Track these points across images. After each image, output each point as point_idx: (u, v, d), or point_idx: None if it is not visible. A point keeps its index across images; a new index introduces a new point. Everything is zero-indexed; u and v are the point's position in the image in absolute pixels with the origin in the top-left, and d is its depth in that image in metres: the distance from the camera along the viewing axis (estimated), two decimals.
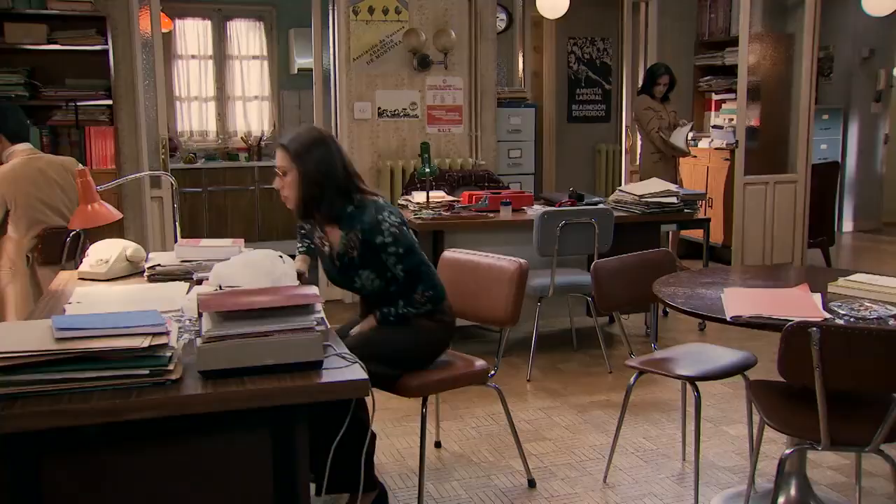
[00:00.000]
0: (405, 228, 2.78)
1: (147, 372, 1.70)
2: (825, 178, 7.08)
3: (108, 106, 5.41)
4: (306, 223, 2.97)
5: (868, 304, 2.63)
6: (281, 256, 2.48)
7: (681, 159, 6.58)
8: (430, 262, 2.87)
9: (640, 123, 6.46)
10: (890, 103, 9.20)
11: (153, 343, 1.70)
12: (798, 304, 2.64)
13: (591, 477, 3.27)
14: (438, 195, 4.97)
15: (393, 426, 3.76)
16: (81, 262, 3.04)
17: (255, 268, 2.36)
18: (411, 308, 2.80)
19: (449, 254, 3.29)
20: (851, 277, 2.91)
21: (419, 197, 4.88)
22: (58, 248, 3.99)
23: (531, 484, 3.19)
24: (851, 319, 2.51)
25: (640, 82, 6.86)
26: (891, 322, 2.50)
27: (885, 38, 8.83)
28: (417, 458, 3.01)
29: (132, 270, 2.97)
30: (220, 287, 2.28)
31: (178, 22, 8.03)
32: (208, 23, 8.22)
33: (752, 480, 2.94)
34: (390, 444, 3.57)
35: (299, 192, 2.68)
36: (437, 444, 3.57)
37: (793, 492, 2.87)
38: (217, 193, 7.72)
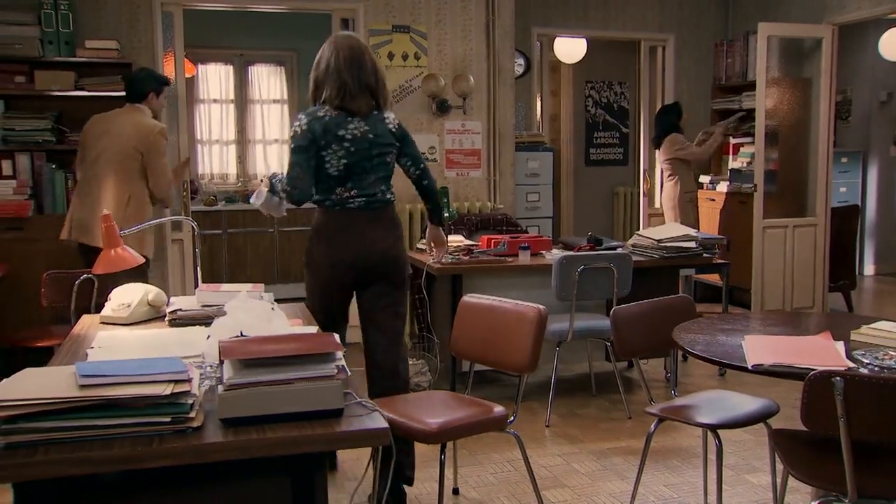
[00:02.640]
0: (297, 130, 3.35)
1: (169, 420, 1.70)
2: (845, 221, 7.05)
3: None
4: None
5: (892, 353, 2.60)
6: (273, 308, 2.53)
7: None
8: (303, 163, 3.31)
9: (685, 155, 6.71)
10: None
11: (175, 390, 1.71)
12: (821, 352, 2.62)
13: None
14: (457, 239, 4.99)
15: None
16: (102, 305, 3.07)
17: (256, 318, 2.38)
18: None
19: (468, 299, 3.30)
20: (875, 325, 2.87)
21: None
22: (64, 291, 4.06)
23: None
24: (876, 369, 2.48)
25: (655, 126, 6.90)
26: None
27: None
28: None
29: (153, 315, 2.99)
30: (241, 334, 2.29)
31: (200, 67, 8.18)
32: (230, 67, 8.37)
33: None
34: (409, 491, 3.53)
35: None
36: (455, 491, 3.54)
37: None
38: (236, 235, 7.79)
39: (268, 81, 8.49)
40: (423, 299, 4.97)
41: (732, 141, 7.42)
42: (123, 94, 4.87)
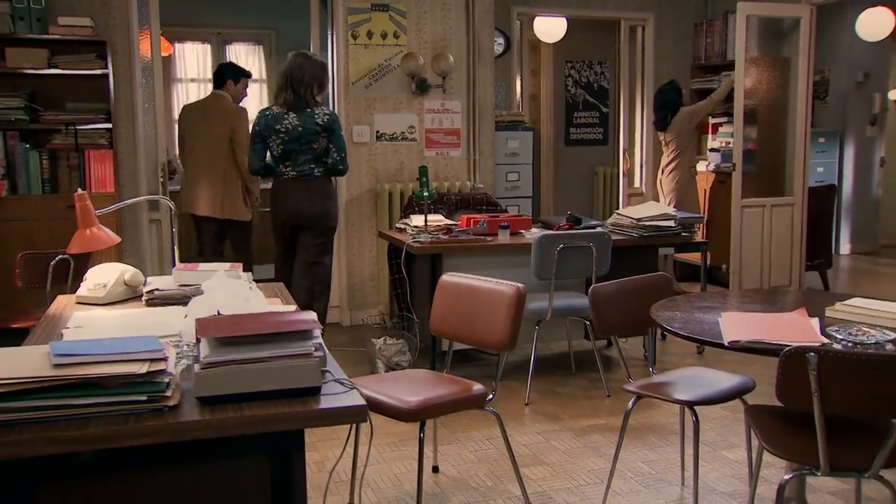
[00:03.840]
0: (253, 124, 4.77)
1: (145, 398, 1.69)
2: (822, 200, 7.11)
3: (107, 129, 5.43)
4: None
5: (865, 329, 2.64)
6: (251, 287, 2.52)
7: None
8: (254, 147, 4.71)
9: (702, 114, 6.87)
10: (885, 127, 9.26)
11: (151, 369, 1.70)
12: (796, 328, 2.64)
13: (590, 502, 3.25)
14: (436, 218, 4.98)
15: (391, 451, 3.75)
16: (77, 286, 3.04)
17: (234, 296, 2.37)
18: None
19: (447, 278, 3.30)
20: (849, 302, 2.91)
21: (417, 220, 4.90)
22: (39, 272, 4.04)
23: None
24: (849, 344, 2.51)
25: (656, 108, 6.88)
26: (888, 347, 2.50)
27: (879, 63, 8.90)
28: (415, 482, 2.99)
29: (130, 295, 2.96)
30: (218, 312, 2.28)
31: (177, 46, 8.09)
32: (208, 46, 8.28)
33: None
34: (388, 469, 3.56)
35: None
36: (435, 469, 3.55)
37: None
38: None
39: (246, 60, 8.40)
40: (402, 279, 4.97)
41: (712, 121, 7.45)
42: (99, 72, 5.18)
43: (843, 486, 3.35)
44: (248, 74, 5.86)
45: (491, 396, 3.06)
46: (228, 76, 5.74)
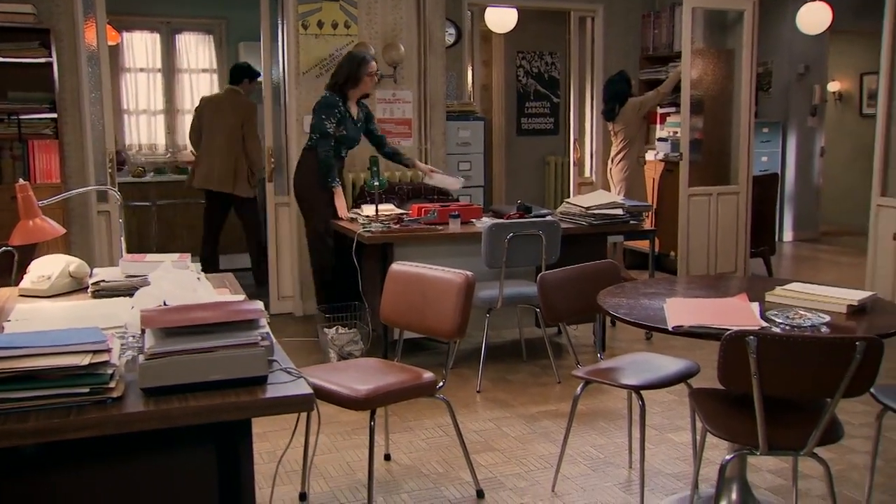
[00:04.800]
0: None
1: (87, 390, 1.68)
2: (766, 189, 7.27)
3: (52, 119, 5.33)
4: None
5: (803, 313, 2.72)
6: (199, 277, 2.52)
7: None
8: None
9: (650, 105, 6.91)
10: (825, 118, 9.49)
11: (93, 361, 1.69)
12: (737, 313, 2.72)
13: (540, 486, 3.30)
14: (388, 208, 4.99)
15: (343, 439, 3.76)
16: (22, 278, 2.99)
17: (181, 287, 2.36)
18: None
19: (396, 266, 3.32)
20: (788, 287, 2.99)
21: (368, 210, 4.90)
22: None
23: (480, 495, 3.21)
24: (787, 327, 2.59)
25: (606, 98, 6.94)
26: (824, 329, 2.59)
27: (818, 55, 9.12)
28: (367, 471, 3.01)
29: (76, 287, 2.93)
30: (165, 303, 2.27)
31: (125, 35, 7.93)
32: (157, 36, 8.13)
33: (695, 486, 3.01)
34: (340, 458, 3.57)
35: None
36: (387, 457, 3.58)
37: (734, 496, 2.94)
38: (166, 207, 7.63)
39: (196, 50, 8.28)
40: (353, 268, 4.96)
41: (660, 111, 7.56)
42: (42, 60, 5.15)
43: (782, 464, 3.45)
44: (257, 76, 6.63)
45: (441, 384, 3.09)
46: (245, 76, 6.64)
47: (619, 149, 6.86)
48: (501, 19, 7.65)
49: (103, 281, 2.83)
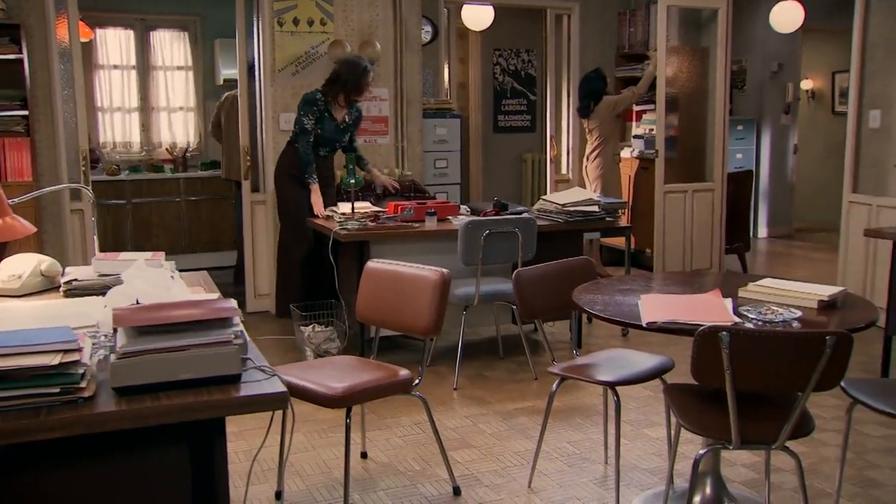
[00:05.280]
0: None
1: (58, 390, 1.66)
2: (740, 185, 7.33)
3: (23, 116, 5.27)
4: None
5: (775, 308, 2.75)
6: (173, 276, 2.50)
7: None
8: None
9: (624, 105, 6.96)
10: (798, 115, 9.59)
11: (64, 360, 1.67)
12: (710, 309, 2.74)
13: (516, 483, 3.32)
14: (364, 206, 4.98)
15: (320, 438, 3.75)
16: None
17: (154, 285, 2.35)
18: None
19: (372, 264, 3.31)
20: (760, 282, 3.03)
21: (345, 208, 4.89)
22: None
23: (456, 492, 3.22)
24: (759, 323, 2.62)
25: (581, 96, 6.97)
26: (795, 325, 2.62)
27: (791, 54, 9.21)
28: (343, 469, 3.01)
29: (47, 286, 2.90)
30: (138, 302, 2.25)
31: (98, 31, 7.85)
32: (131, 32, 8.07)
33: (670, 481, 3.03)
34: (317, 456, 3.56)
35: None
36: (364, 455, 3.57)
37: (708, 490, 2.97)
38: (142, 205, 7.58)
39: (171, 47, 8.22)
40: (330, 266, 4.95)
41: (636, 108, 7.60)
42: (13, 56, 5.05)
43: (755, 458, 3.49)
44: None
45: (417, 381, 3.09)
46: None
47: (595, 146, 6.89)
48: (478, 17, 7.66)
49: (75, 280, 2.80)
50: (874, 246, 5.47)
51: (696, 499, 2.94)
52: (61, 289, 2.81)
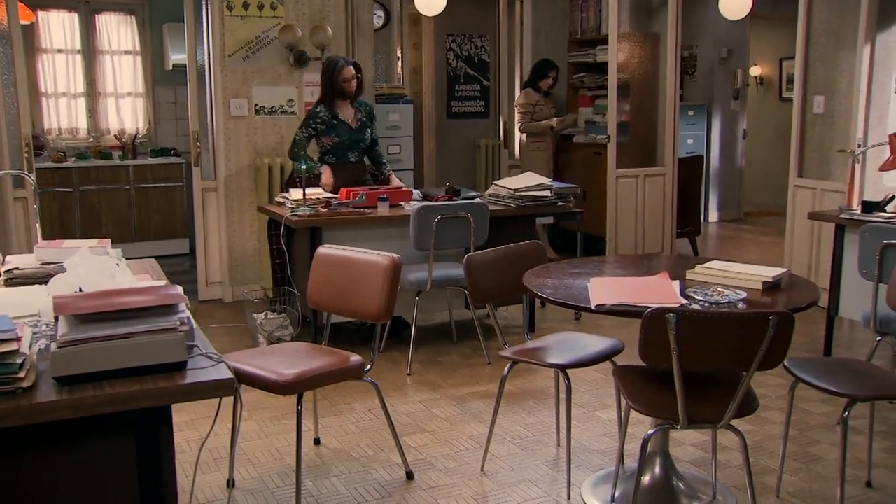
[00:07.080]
0: None
1: None
2: (691, 170, 7.44)
3: None
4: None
5: (721, 290, 2.80)
6: (118, 263, 2.47)
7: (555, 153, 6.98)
8: None
9: (518, 114, 7.05)
10: (747, 101, 9.75)
11: (1, 350, 1.64)
12: (658, 291, 2.78)
13: (469, 466, 3.34)
14: (316, 192, 4.94)
15: (272, 425, 3.73)
16: None
17: (98, 273, 2.31)
18: None
19: (323, 250, 3.29)
20: (707, 265, 3.07)
21: (296, 194, 4.84)
22: None
23: (409, 476, 3.23)
24: (706, 304, 2.66)
25: (526, 77, 7.06)
26: (740, 306, 2.67)
27: (740, 40, 9.35)
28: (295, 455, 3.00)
29: None
30: (80, 290, 2.21)
31: (40, 13, 7.64)
32: (75, 15, 7.86)
33: (620, 461, 3.08)
34: (269, 443, 3.54)
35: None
36: (317, 441, 3.56)
37: (657, 470, 3.02)
38: (89, 193, 7.43)
39: (118, 31, 8.03)
40: (281, 251, 4.91)
41: (588, 94, 7.65)
42: None
43: (704, 437, 3.55)
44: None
45: (369, 367, 3.08)
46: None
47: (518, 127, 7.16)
48: (430, 2, 7.57)
49: (17, 268, 2.74)
50: (818, 228, 5.60)
51: (646, 478, 2.98)
52: (1, 277, 2.75)
